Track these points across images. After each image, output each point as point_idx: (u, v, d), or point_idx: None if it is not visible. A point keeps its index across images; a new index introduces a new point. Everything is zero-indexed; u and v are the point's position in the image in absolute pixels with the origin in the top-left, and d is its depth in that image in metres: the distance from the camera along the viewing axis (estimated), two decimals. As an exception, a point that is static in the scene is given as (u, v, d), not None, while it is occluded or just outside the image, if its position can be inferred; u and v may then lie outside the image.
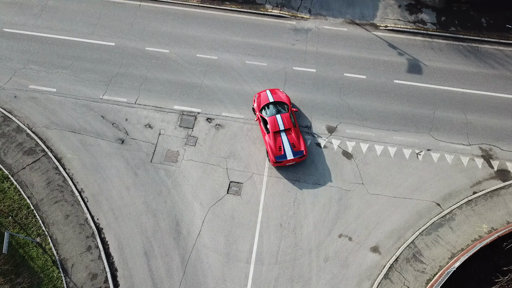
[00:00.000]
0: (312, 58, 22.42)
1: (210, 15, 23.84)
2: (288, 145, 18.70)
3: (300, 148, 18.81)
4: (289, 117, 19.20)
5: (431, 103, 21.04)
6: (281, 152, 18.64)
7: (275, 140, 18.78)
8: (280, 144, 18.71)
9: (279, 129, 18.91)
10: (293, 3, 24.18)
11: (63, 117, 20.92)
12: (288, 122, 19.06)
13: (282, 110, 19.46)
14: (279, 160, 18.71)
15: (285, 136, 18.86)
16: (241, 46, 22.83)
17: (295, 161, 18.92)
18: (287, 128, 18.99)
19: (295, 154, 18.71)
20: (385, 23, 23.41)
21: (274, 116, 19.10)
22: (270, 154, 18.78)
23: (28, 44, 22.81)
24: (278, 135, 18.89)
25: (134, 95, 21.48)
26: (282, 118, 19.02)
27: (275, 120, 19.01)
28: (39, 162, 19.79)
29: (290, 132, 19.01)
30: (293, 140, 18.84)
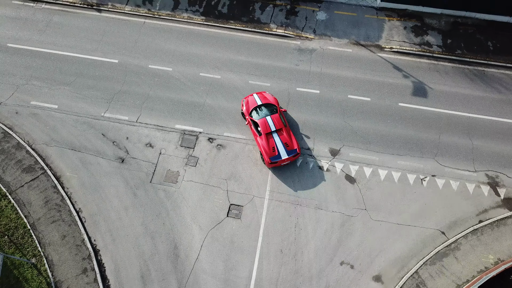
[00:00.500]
0: (316, 79, 22.25)
1: (214, 34, 23.81)
2: (281, 145, 18.97)
3: (293, 146, 19.09)
4: (279, 118, 19.48)
5: (436, 127, 20.75)
6: (275, 152, 18.89)
7: (268, 142, 19.05)
8: (273, 145, 18.97)
9: (270, 130, 19.21)
10: (298, 23, 24.13)
11: (64, 134, 20.78)
12: (279, 123, 19.34)
13: (271, 111, 19.72)
14: (274, 160, 18.87)
15: (277, 137, 19.14)
16: (245, 65, 22.72)
17: (289, 160, 19.09)
18: (278, 129, 19.28)
19: (289, 153, 18.97)
20: (390, 45, 23.26)
21: (264, 118, 19.39)
22: (265, 155, 18.92)
23: (31, 60, 22.82)
24: (270, 136, 19.18)
25: (135, 113, 21.35)
26: (272, 120, 19.34)
27: (266, 122, 19.28)
28: (37, 180, 19.60)
29: (282, 132, 19.30)
30: (285, 139, 19.12)
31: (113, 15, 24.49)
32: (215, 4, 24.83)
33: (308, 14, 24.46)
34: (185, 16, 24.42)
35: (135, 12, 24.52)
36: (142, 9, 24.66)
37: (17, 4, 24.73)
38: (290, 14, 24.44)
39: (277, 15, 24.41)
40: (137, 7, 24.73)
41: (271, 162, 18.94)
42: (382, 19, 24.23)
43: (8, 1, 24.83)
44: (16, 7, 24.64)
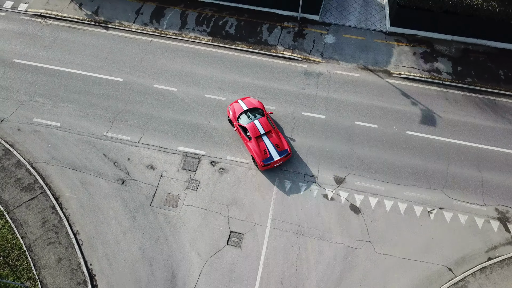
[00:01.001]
0: (322, 103, 21.96)
1: (221, 55, 23.68)
2: (272, 147, 19.36)
3: (284, 147, 19.53)
4: (266, 121, 19.89)
5: (445, 157, 20.28)
6: (267, 155, 19.28)
7: (258, 145, 19.43)
8: (264, 147, 19.38)
9: (260, 134, 19.60)
10: (305, 45, 23.95)
11: (65, 153, 20.59)
12: (267, 125, 19.78)
13: (258, 115, 20.17)
14: (267, 162, 19.21)
15: (267, 139, 19.56)
16: (250, 88, 22.50)
17: (281, 160, 19.50)
18: (267, 131, 19.70)
19: (281, 154, 19.38)
20: (399, 71, 22.95)
21: (252, 123, 19.78)
22: (257, 158, 19.25)
23: (36, 76, 22.80)
24: (260, 140, 19.58)
25: (138, 134, 21.14)
26: (260, 123, 19.78)
27: (254, 126, 19.70)
28: (36, 200, 19.36)
29: (271, 134, 19.69)
30: (275, 141, 19.53)
31: (120, 33, 24.49)
32: (222, 25, 24.76)
33: (316, 37, 24.28)
34: (192, 35, 24.35)
35: (142, 30, 24.51)
36: (149, 27, 24.64)
37: (25, 20, 24.85)
38: (298, 37, 24.27)
39: (284, 37, 24.26)
40: (144, 25, 24.72)
41: (264, 165, 19.23)
42: (391, 44, 23.97)
43: (17, 16, 24.96)
44: (24, 22, 24.75)
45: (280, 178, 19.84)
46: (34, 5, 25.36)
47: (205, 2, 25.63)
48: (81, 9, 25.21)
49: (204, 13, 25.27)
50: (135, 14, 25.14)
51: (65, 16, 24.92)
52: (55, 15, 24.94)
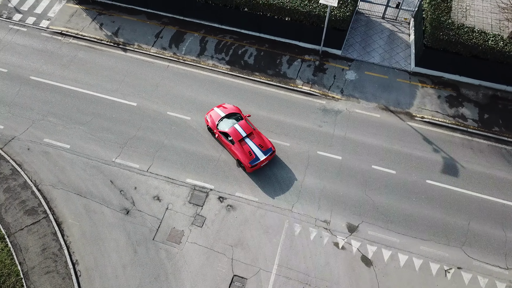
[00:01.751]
0: (339, 143, 21.22)
1: (237, 85, 23.28)
2: (256, 148, 19.78)
3: (267, 146, 19.97)
4: (246, 123, 20.29)
5: (466, 212, 19.21)
6: (253, 156, 19.66)
7: (242, 148, 19.77)
8: (249, 149, 19.73)
9: (242, 136, 19.92)
10: (325, 81, 23.36)
11: (72, 177, 20.30)
12: (248, 128, 20.15)
13: (237, 119, 20.62)
14: (254, 163, 19.57)
15: (250, 141, 19.93)
16: (265, 121, 21.96)
17: (267, 159, 19.92)
18: (248, 134, 20.05)
19: (266, 153, 19.82)
20: (422, 114, 22.10)
21: (233, 127, 20.13)
22: (244, 161, 19.61)
23: (51, 95, 22.76)
24: (243, 142, 19.91)
25: (147, 162, 20.73)
26: (241, 126, 20.16)
27: (235, 130, 20.04)
28: (38, 225, 19.03)
29: (253, 136, 20.09)
30: (258, 142, 19.95)
31: (138, 55, 24.38)
32: (241, 54, 24.42)
33: (337, 73, 23.69)
34: (210, 63, 24.05)
35: (160, 54, 24.34)
36: (167, 52, 24.47)
37: (46, 37, 25.00)
38: (318, 71, 23.73)
39: (304, 71, 23.74)
40: (163, 49, 24.57)
41: (252, 166, 19.59)
42: (415, 85, 23.19)
43: (38, 33, 25.14)
44: (44, 39, 24.90)
45: (290, 221, 19.08)
46: (55, 23, 25.54)
47: (226, 30, 25.38)
48: (101, 29, 25.26)
49: (224, 40, 25.00)
50: (155, 38, 25.04)
51: (85, 35, 24.98)
52: (75, 33, 25.03)
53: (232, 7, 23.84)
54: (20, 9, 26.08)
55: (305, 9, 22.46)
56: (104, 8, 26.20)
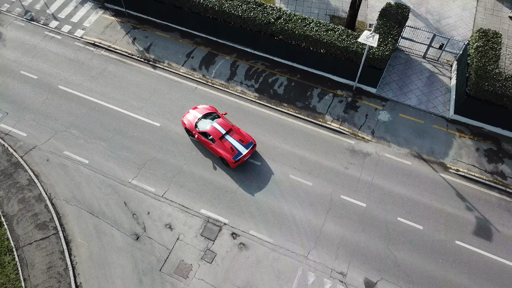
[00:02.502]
0: (364, 189, 20.16)
1: (264, 114, 22.62)
2: (237, 143, 20.23)
3: (248, 140, 20.47)
4: (224, 121, 20.74)
5: (497, 281, 17.74)
6: (235, 151, 20.08)
7: (224, 145, 20.16)
8: (230, 145, 20.16)
9: (222, 134, 20.35)
10: (356, 119, 22.40)
11: (86, 194, 20.06)
12: (226, 125, 20.60)
13: (214, 118, 21.12)
14: (237, 158, 20.03)
15: (230, 137, 20.38)
16: (289, 156, 21.16)
17: (250, 153, 20.35)
18: (228, 130, 20.48)
19: (247, 147, 20.28)
20: (457, 166, 20.78)
21: (211, 126, 20.57)
22: (227, 157, 20.04)
23: (76, 107, 22.75)
24: (224, 140, 20.31)
25: (163, 187, 20.28)
26: (219, 124, 20.58)
27: (214, 128, 20.47)
28: (47, 240, 18.80)
29: (232, 132, 20.54)
30: (238, 137, 20.43)
31: (167, 74, 24.14)
32: (272, 82, 23.80)
33: (370, 112, 22.69)
34: (238, 89, 23.54)
35: (189, 75, 24.03)
36: (197, 73, 24.13)
37: (78, 46, 25.16)
38: (349, 108, 22.80)
39: (335, 107, 22.87)
40: (192, 70, 24.25)
41: (235, 161, 20.04)
42: (452, 134, 21.91)
43: (71, 42, 25.35)
44: (76, 49, 25.06)
45: (304, 268, 18.12)
46: (90, 33, 25.70)
47: (259, 55, 24.86)
48: (133, 44, 25.22)
49: (255, 66, 24.47)
50: (186, 57, 24.78)
51: (116, 49, 24.99)
52: (107, 46, 25.09)
53: (267, 34, 23.31)
54: (58, 16, 26.42)
55: (342, 44, 21.66)
56: (139, 22, 26.21)
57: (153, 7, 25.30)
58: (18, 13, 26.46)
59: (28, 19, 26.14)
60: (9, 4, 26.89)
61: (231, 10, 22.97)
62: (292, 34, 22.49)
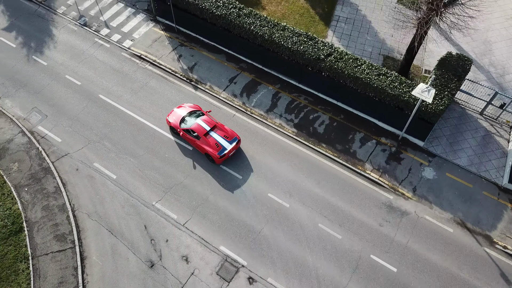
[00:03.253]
0: (397, 252, 18.69)
1: (300, 152, 21.67)
2: (221, 139, 20.67)
3: (232, 136, 20.95)
4: (209, 118, 21.31)
5: None
6: (220, 147, 20.50)
7: (208, 141, 20.58)
8: (215, 141, 20.55)
9: (207, 130, 20.81)
10: (398, 172, 20.99)
11: (109, 211, 19.82)
12: (211, 122, 21.13)
13: (199, 115, 21.55)
14: (222, 154, 20.46)
15: (214, 134, 20.82)
16: (320, 202, 20.05)
17: (234, 148, 20.83)
18: (212, 127, 20.96)
19: (232, 142, 20.75)
20: (505, 242, 18.90)
21: (196, 123, 21.06)
22: (212, 153, 20.48)
23: (112, 119, 22.75)
24: (209, 136, 20.73)
25: (186, 215, 19.71)
26: (203, 121, 21.10)
27: (199, 125, 20.96)
28: (63, 254, 18.63)
29: (217, 129, 21.01)
30: (222, 133, 20.88)
31: (207, 97, 23.75)
32: (312, 119, 22.85)
33: (414, 166, 21.21)
34: (277, 122, 22.75)
35: (229, 101, 23.52)
36: (237, 100, 23.59)
37: (125, 57, 25.31)
38: (392, 159, 21.43)
39: (377, 155, 21.57)
40: (233, 96, 23.74)
41: (220, 157, 20.45)
42: (503, 204, 20.03)
43: (118, 52, 25.56)
44: (122, 59, 25.22)
45: (320, 330, 16.88)
46: (137, 45, 25.84)
47: (303, 89, 24.01)
48: (178, 61, 25.08)
49: (297, 100, 23.62)
50: (228, 82, 24.33)
51: (161, 64, 24.93)
52: (153, 60, 25.09)
53: (314, 69, 22.45)
54: (109, 24, 26.80)
55: (393, 91, 20.42)
56: (187, 40, 26.10)
57: (203, 26, 25.11)
58: (72, 16, 27.09)
59: (81, 24, 26.69)
60: (66, 7, 27.61)
61: (281, 41, 22.33)
62: (341, 74, 21.51)
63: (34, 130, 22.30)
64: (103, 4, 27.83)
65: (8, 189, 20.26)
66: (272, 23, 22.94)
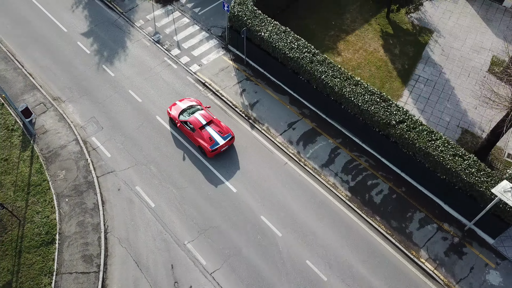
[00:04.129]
0: None
1: (349, 219, 19.93)
2: (216, 134, 21.40)
3: (227, 132, 21.63)
4: (206, 113, 22.09)
5: None
6: (213, 141, 21.21)
7: (203, 134, 21.36)
8: (209, 135, 21.31)
9: (202, 124, 21.59)
10: (457, 268, 18.54)
11: (140, 241, 19.27)
12: (207, 117, 21.89)
13: (198, 110, 22.32)
14: (214, 148, 21.16)
15: (210, 128, 21.59)
16: (362, 284, 18.10)
17: (227, 144, 21.53)
18: (208, 122, 21.73)
19: (225, 138, 21.44)
20: None
21: (193, 116, 21.87)
22: (205, 146, 21.21)
23: (164, 143, 22.43)
24: (204, 130, 21.52)
25: (216, 264, 18.65)
26: (201, 115, 21.88)
27: (195, 119, 21.74)
28: (86, 277, 18.27)
29: (213, 124, 21.77)
30: (217, 129, 21.65)
31: (262, 138, 22.78)
32: (370, 186, 21.03)
33: (477, 266, 18.66)
34: (330, 180, 21.20)
35: (283, 146, 22.37)
36: (292, 148, 22.37)
37: (189, 82, 25.09)
38: (452, 251, 19.03)
39: (435, 243, 19.27)
40: (289, 142, 22.56)
41: (212, 151, 21.13)
42: None
43: (184, 75, 25.40)
44: (186, 83, 25.02)
45: None
46: (204, 71, 25.57)
47: (365, 150, 22.29)
48: (241, 96, 24.42)
49: (357, 161, 21.92)
50: (287, 126, 23.21)
51: (223, 96, 24.40)
52: (216, 90, 24.65)
53: (382, 133, 20.72)
54: (181, 45, 26.85)
55: (468, 178, 18.15)
56: (254, 75, 25.41)
57: (273, 64, 24.30)
58: (148, 32, 27.49)
59: (155, 41, 26.98)
60: (144, 21, 28.13)
61: (351, 97, 20.88)
62: (411, 145, 19.60)
63: (88, 140, 22.51)
64: (180, 24, 28.03)
65: (51, 196, 20.43)
66: (345, 75, 21.58)
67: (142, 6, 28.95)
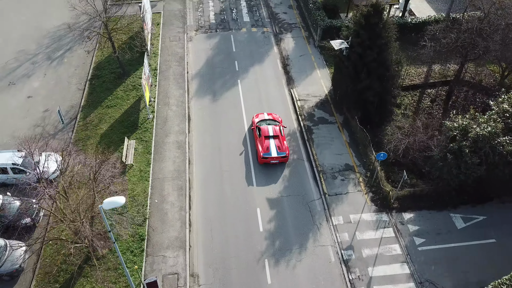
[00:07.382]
0: None
1: None
2: (274, 147, 23.99)
3: (283, 150, 24.02)
4: (278, 129, 24.89)
5: None
6: (268, 150, 23.80)
7: (264, 142, 24.13)
8: (268, 145, 24.03)
9: (268, 135, 24.50)
10: None
11: None
12: (276, 132, 24.74)
13: (274, 123, 25.42)
14: (265, 156, 23.68)
15: (272, 140, 24.32)
16: None
17: (278, 159, 23.78)
18: (274, 135, 24.53)
19: (279, 154, 23.78)
20: None
21: (266, 126, 25.05)
22: (259, 151, 23.91)
23: None
24: (267, 139, 24.30)
25: None
26: (272, 128, 24.88)
27: (266, 128, 24.85)
28: None
29: (277, 139, 24.42)
30: (278, 144, 24.22)
31: None
32: None
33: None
34: None
35: None
36: None
37: None
38: None
39: None
40: None
41: (263, 157, 23.66)
42: None
43: None
44: None
45: None
46: None
47: None
48: None
49: None
50: None
51: None
52: None
53: None
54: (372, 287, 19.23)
55: None
56: None
57: None
58: (341, 239, 20.82)
59: (343, 258, 20.09)
60: (344, 221, 21.60)
61: None
62: None
63: None
64: (385, 250, 20.45)
65: None
66: None
67: (353, 197, 22.76)
